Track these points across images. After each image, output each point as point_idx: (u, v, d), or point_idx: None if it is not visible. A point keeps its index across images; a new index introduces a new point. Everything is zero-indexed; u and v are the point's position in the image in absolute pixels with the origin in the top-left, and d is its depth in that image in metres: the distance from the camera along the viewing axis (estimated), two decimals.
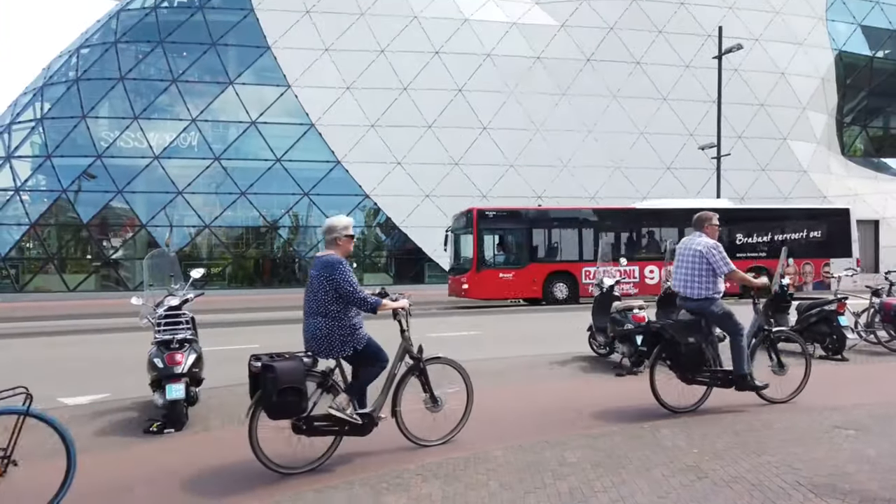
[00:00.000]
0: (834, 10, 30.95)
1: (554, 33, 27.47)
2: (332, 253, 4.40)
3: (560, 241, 18.05)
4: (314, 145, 25.32)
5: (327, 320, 4.27)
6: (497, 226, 17.70)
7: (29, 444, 3.45)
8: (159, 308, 5.72)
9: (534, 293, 17.28)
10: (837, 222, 19.23)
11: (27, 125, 25.69)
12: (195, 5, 26.69)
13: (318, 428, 4.15)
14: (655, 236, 18.69)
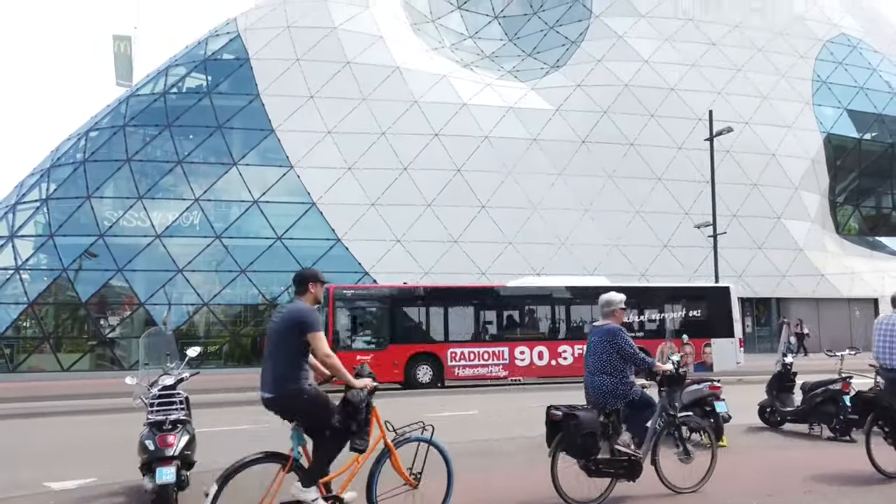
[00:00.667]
0: (820, 95, 32.06)
1: (549, 117, 28.35)
2: (610, 322, 5.53)
3: (425, 321, 17.27)
4: (315, 223, 25.64)
5: (611, 377, 5.37)
6: (356, 305, 17.03)
7: None
8: (153, 388, 5.65)
9: (394, 377, 16.32)
10: (719, 301, 18.65)
11: (32, 205, 26.08)
12: (203, 91, 27.68)
13: (601, 469, 5.11)
14: (529, 315, 18.06)
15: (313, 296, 4.55)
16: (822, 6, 34.35)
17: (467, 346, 16.94)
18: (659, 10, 31.53)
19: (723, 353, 17.98)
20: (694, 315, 18.38)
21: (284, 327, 4.31)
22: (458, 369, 16.76)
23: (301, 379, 4.25)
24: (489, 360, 17.01)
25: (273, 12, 28.88)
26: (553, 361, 17.28)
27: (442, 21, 32.85)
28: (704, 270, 26.25)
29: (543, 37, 32.62)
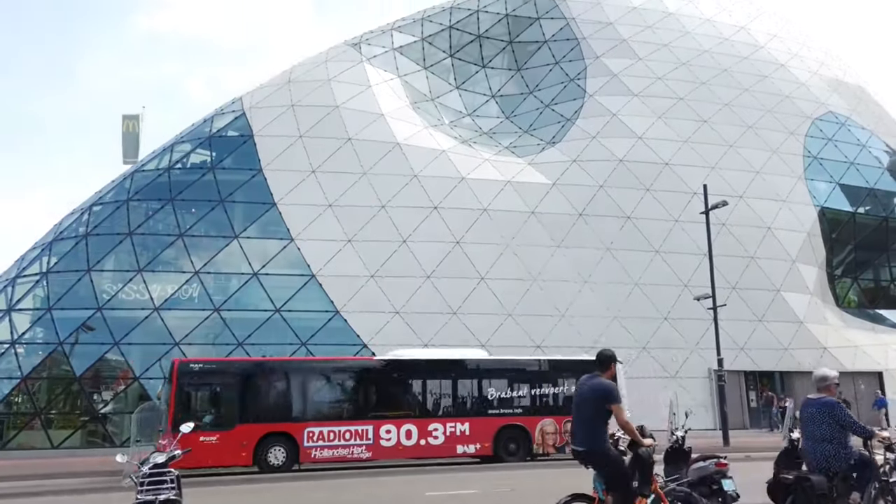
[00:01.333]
0: (812, 171, 32.72)
1: (546, 190, 28.83)
2: (825, 396, 6.31)
3: (279, 398, 16.27)
4: (314, 295, 25.61)
5: (832, 445, 6.13)
6: (203, 380, 15.81)
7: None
8: (144, 465, 5.51)
9: (243, 459, 15.12)
10: None
11: (32, 279, 26.13)
12: (207, 166, 28.26)
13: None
14: (397, 391, 17.18)
15: (611, 373, 5.99)
16: (809, 86, 35.57)
17: (326, 424, 15.64)
18: (651, 90, 32.62)
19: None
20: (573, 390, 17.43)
21: (593, 397, 5.79)
22: (316, 451, 15.52)
23: (604, 439, 5.82)
24: (351, 440, 15.75)
25: (278, 92, 29.86)
26: (423, 441, 16.06)
27: (441, 100, 33.92)
28: (705, 342, 26.04)
29: (539, 115, 33.60)
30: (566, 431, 16.41)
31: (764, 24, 38.80)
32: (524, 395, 17.03)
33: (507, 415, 16.69)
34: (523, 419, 16.56)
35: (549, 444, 16.71)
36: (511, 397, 16.96)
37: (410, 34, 34.47)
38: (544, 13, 35.69)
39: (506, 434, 16.54)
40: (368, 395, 16.85)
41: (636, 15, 35.71)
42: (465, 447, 16.34)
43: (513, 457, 16.36)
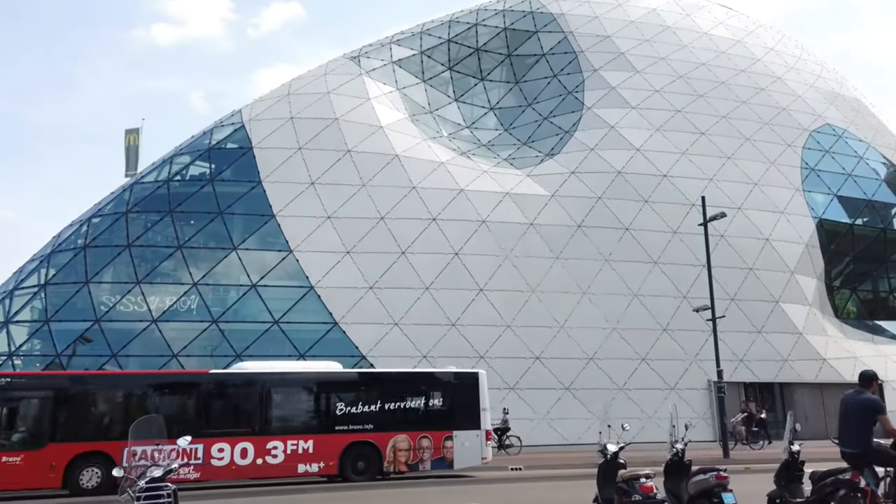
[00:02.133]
0: (809, 182, 32.82)
1: (545, 202, 28.88)
2: None
3: (97, 415, 15.08)
4: (313, 307, 25.57)
5: None
6: (11, 395, 14.48)
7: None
8: (141, 479, 5.47)
9: (51, 482, 13.84)
10: (466, 389, 16.78)
11: (30, 290, 26.08)
12: (206, 178, 28.30)
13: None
14: (231, 406, 16.17)
15: (873, 388, 7.41)
16: (806, 98, 35.77)
17: None
18: (648, 103, 32.78)
19: (466, 448, 16.07)
20: (435, 404, 16.41)
21: (862, 409, 7.18)
22: None
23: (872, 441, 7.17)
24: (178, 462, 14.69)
25: (277, 104, 29.98)
26: (260, 460, 14.93)
27: (440, 112, 34.07)
28: (705, 354, 26.01)
29: (538, 127, 33.74)
30: (421, 448, 15.80)
31: (760, 38, 39.10)
32: (376, 409, 15.94)
33: (356, 431, 15.63)
34: (374, 435, 15.57)
35: (401, 462, 15.72)
36: (361, 412, 15.86)
37: (409, 47, 34.68)
38: (542, 27, 35.94)
39: (354, 451, 15.52)
40: (199, 410, 15.59)
41: (634, 28, 35.97)
42: (308, 466, 15.24)
43: (361, 476, 15.38)
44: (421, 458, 15.84)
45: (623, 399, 25.27)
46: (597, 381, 26.06)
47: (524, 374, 25.70)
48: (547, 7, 36.47)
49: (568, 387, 25.86)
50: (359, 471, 15.55)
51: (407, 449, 15.81)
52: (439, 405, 16.50)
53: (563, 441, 24.39)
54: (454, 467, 16.12)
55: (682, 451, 8.16)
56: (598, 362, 26.41)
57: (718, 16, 39.70)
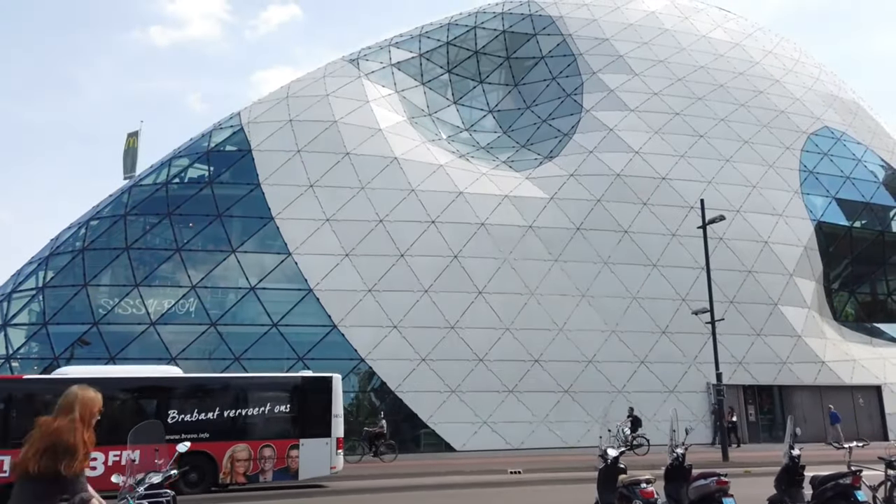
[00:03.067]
0: (808, 185, 32.86)
1: (544, 205, 28.88)
2: None
3: None
4: (311, 310, 25.53)
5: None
6: None
7: None
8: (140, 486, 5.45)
9: None
10: (315, 395, 15.94)
11: (28, 293, 26.02)
12: (204, 180, 28.26)
13: None
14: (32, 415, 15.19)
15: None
16: (804, 101, 35.83)
17: None
18: (647, 105, 32.81)
19: (313, 457, 15.23)
20: (281, 411, 15.60)
21: None
22: None
23: None
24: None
25: (276, 107, 29.97)
26: None
27: (438, 115, 34.08)
28: (704, 357, 26.02)
29: (536, 129, 33.76)
30: (262, 458, 14.96)
31: (759, 41, 39.18)
32: (213, 417, 15.04)
33: (189, 440, 14.92)
34: (210, 445, 14.63)
35: (239, 473, 14.90)
36: (197, 420, 14.97)
37: (408, 50, 34.70)
38: (541, 29, 35.98)
39: (187, 462, 14.22)
40: (6, 418, 14.33)
41: (632, 31, 36.03)
42: None
43: (195, 487, 14.68)
44: (262, 469, 15.00)
45: (622, 402, 25.25)
46: (596, 384, 26.06)
47: (523, 377, 25.69)
48: (545, 10, 36.53)
49: (567, 389, 25.84)
50: (191, 483, 14.69)
51: (246, 459, 14.97)
52: (285, 412, 15.63)
53: (563, 444, 24.37)
54: (299, 478, 15.31)
55: (682, 455, 8.14)
56: (598, 365, 26.41)
57: (716, 19, 39.79)
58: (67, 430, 3.66)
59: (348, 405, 25.89)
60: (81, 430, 3.72)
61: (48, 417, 3.76)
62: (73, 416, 3.76)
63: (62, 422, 3.72)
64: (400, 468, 18.59)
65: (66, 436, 3.65)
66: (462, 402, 24.83)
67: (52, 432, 3.67)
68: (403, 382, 24.89)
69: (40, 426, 3.73)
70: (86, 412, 3.82)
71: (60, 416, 3.76)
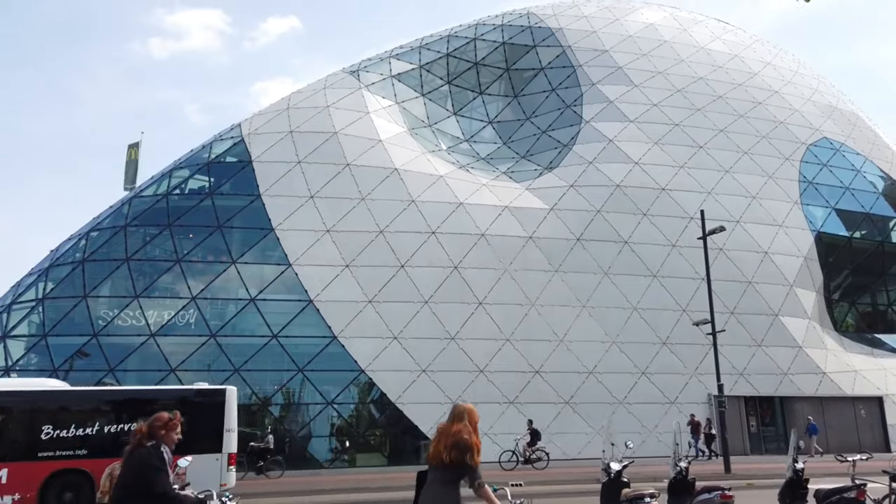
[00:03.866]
0: (807, 196, 32.90)
1: (544, 215, 28.90)
2: None
3: None
4: (311, 321, 25.48)
5: None
6: None
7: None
8: None
9: None
10: (207, 408, 15.17)
11: (27, 305, 25.97)
12: (205, 192, 28.29)
13: None
14: None
15: None
16: (803, 112, 35.95)
17: None
18: (646, 116, 32.92)
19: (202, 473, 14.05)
20: None
21: None
22: None
23: None
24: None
25: (277, 118, 30.05)
26: None
27: (438, 126, 34.17)
28: (705, 368, 25.96)
29: (536, 140, 33.84)
30: None
31: (757, 52, 39.36)
32: (92, 433, 14.18)
33: (64, 457, 13.88)
34: (87, 462, 13.71)
35: None
36: (73, 436, 14.08)
37: (408, 62, 34.84)
38: (541, 41, 36.15)
39: (60, 481, 13.75)
40: None
41: (631, 43, 36.20)
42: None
43: None
44: None
45: (623, 413, 25.17)
46: (597, 395, 25.97)
47: (524, 389, 25.61)
48: (545, 22, 36.71)
49: (568, 401, 25.75)
50: (66, 502, 13.89)
51: None
52: None
53: (564, 456, 24.23)
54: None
55: (685, 469, 8.10)
56: (598, 376, 26.34)
57: (715, 31, 39.99)
58: (465, 432, 4.74)
59: (348, 417, 25.84)
60: (472, 432, 4.78)
61: (446, 423, 4.87)
62: (464, 421, 4.83)
63: (458, 426, 4.79)
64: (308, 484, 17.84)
65: (464, 436, 4.70)
66: None
67: (453, 434, 4.74)
68: (404, 394, 24.81)
69: (441, 430, 4.85)
70: (472, 419, 4.88)
71: (455, 422, 4.84)
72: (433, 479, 4.78)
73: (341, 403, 25.10)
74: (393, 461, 24.05)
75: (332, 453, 25.54)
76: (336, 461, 25.03)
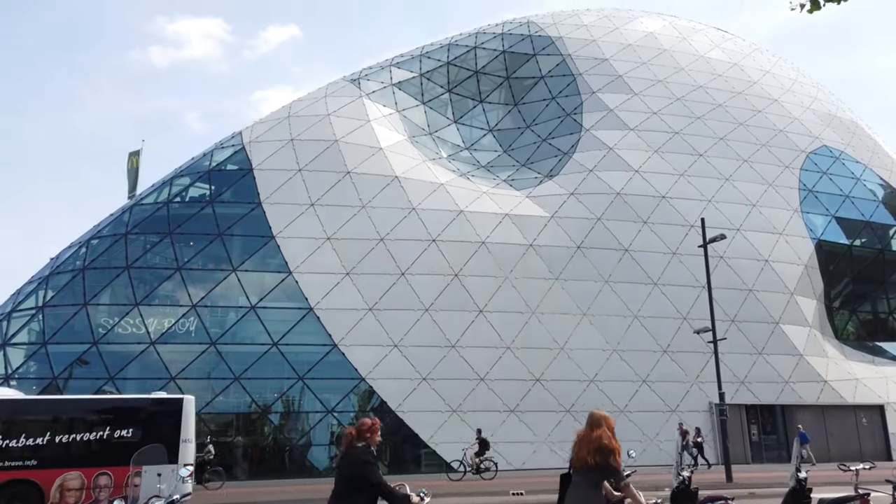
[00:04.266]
0: (807, 204, 32.92)
1: (544, 223, 28.91)
2: None
3: None
4: (312, 329, 25.44)
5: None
6: None
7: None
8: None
9: None
10: (163, 418, 14.86)
11: (27, 313, 25.93)
12: (206, 199, 28.32)
13: None
14: None
15: None
16: (802, 120, 36.04)
17: None
18: (646, 125, 33.00)
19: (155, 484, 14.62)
20: (123, 435, 14.33)
21: None
22: None
23: None
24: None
25: (277, 126, 30.12)
26: None
27: (439, 134, 34.23)
28: (706, 376, 25.91)
29: (536, 148, 33.90)
30: (97, 487, 13.74)
31: (756, 61, 39.49)
32: (42, 442, 13.89)
33: (12, 468, 13.62)
34: (36, 473, 13.51)
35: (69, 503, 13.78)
36: (22, 446, 13.79)
37: (409, 70, 34.95)
38: (541, 50, 36.28)
39: (8, 492, 13.48)
40: None
41: (631, 52, 36.33)
42: None
43: None
44: (96, 499, 13.69)
45: (624, 421, 25.08)
46: (598, 404, 25.88)
47: (524, 397, 25.55)
48: (545, 31, 36.85)
49: (569, 409, 25.69)
50: None
51: (79, 488, 13.66)
52: (128, 436, 14.34)
53: (565, 465, 24.11)
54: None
55: (688, 478, 8.06)
56: (599, 384, 26.28)
57: (714, 39, 40.14)
58: (606, 437, 5.21)
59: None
60: (611, 437, 5.24)
61: (585, 430, 5.34)
62: (603, 427, 5.29)
63: (598, 432, 5.27)
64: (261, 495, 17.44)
65: (605, 441, 5.18)
66: (463, 422, 24.65)
67: (595, 439, 5.23)
68: (404, 402, 24.75)
69: (581, 437, 5.35)
70: (609, 424, 5.35)
71: (595, 428, 5.31)
72: (579, 482, 5.23)
73: (341, 412, 25.02)
74: (393, 470, 23.94)
75: (333, 461, 25.44)
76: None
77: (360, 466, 5.44)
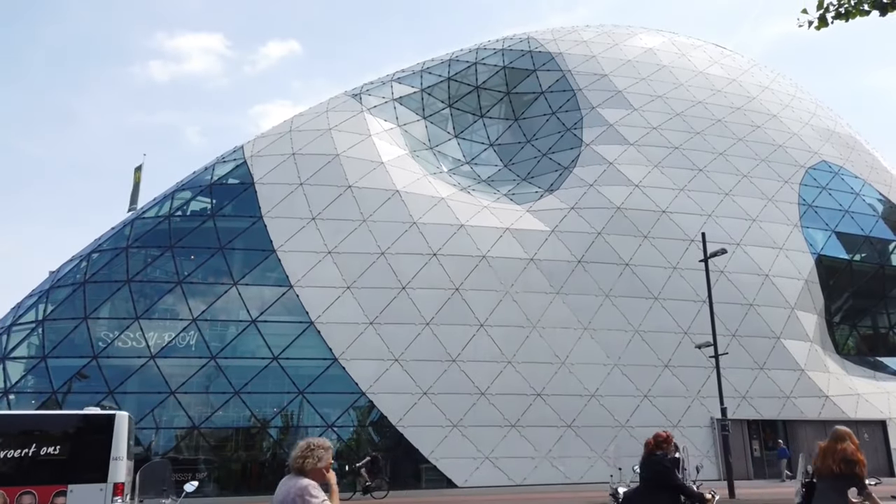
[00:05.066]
0: (807, 219, 33.01)
1: (545, 237, 28.96)
2: None
3: None
4: (312, 343, 25.39)
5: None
6: None
7: None
8: None
9: None
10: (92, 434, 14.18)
11: (27, 327, 25.89)
12: (207, 213, 28.37)
13: None
14: None
15: None
16: (802, 136, 36.22)
17: None
18: (646, 140, 33.16)
19: None
20: (48, 452, 13.57)
21: None
22: None
23: None
24: None
25: (279, 140, 30.25)
26: None
27: (440, 148, 34.39)
28: (707, 391, 25.84)
29: (537, 163, 34.03)
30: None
31: (755, 77, 39.77)
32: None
33: None
34: None
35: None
36: None
37: (410, 85, 35.17)
38: (541, 65, 36.53)
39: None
40: None
41: (630, 67, 36.59)
42: None
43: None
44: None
45: (626, 436, 24.98)
46: (599, 418, 25.81)
47: (525, 411, 25.45)
48: (545, 46, 37.13)
49: (570, 424, 25.58)
50: None
51: None
52: (53, 454, 13.60)
53: (566, 480, 24.04)
54: None
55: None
56: (600, 399, 26.20)
57: (713, 55, 40.45)
58: (851, 450, 5.71)
59: (347, 440, 25.60)
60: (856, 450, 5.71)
61: (830, 442, 5.84)
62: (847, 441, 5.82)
63: (843, 445, 5.75)
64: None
65: (851, 453, 5.67)
66: (464, 437, 24.56)
67: (840, 451, 5.71)
68: (405, 417, 24.65)
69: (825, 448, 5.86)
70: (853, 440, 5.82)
71: (839, 441, 5.80)
72: (826, 488, 5.78)
73: (342, 426, 24.91)
74: (393, 485, 23.79)
75: None
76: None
77: (662, 472, 6.48)
